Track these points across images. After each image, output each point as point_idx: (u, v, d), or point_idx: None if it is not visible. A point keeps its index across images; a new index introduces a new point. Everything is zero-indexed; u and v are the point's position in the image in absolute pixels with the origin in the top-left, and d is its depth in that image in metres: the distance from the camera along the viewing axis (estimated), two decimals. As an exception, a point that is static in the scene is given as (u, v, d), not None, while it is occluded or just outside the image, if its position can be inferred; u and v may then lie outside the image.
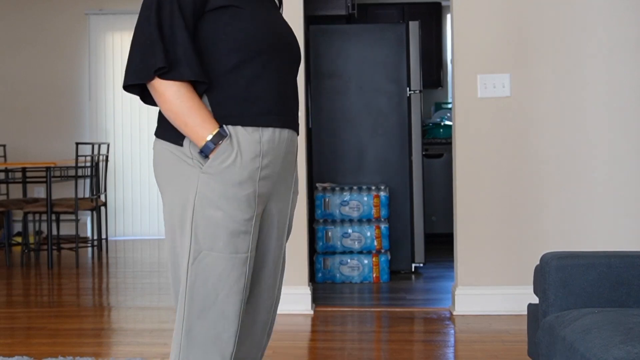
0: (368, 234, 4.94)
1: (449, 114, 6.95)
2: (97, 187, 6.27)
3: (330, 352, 3.32)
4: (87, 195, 6.72)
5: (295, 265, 3.84)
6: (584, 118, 3.91)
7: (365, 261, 4.91)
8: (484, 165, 3.94)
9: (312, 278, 4.71)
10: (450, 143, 5.63)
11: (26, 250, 6.07)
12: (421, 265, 5.27)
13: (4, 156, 6.93)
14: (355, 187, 5.02)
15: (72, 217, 6.61)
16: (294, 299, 3.93)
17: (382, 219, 5.00)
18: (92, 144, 6.22)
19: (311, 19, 5.36)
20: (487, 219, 3.93)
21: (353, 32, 5.34)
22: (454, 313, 3.91)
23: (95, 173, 6.23)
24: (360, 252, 4.95)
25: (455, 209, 3.98)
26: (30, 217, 6.34)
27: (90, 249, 6.52)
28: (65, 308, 4.34)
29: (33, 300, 4.75)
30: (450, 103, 6.96)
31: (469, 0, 3.94)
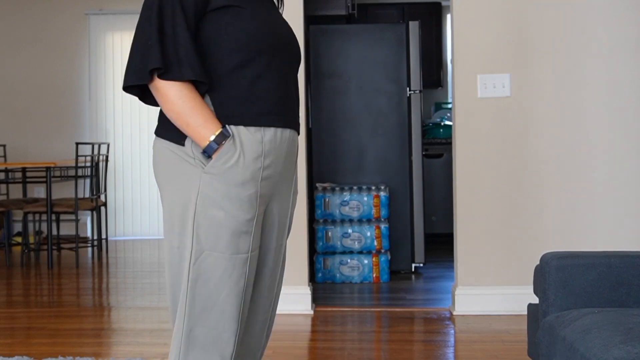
0: (368, 234, 4.94)
1: (449, 114, 6.95)
2: (97, 187, 6.27)
3: (330, 352, 3.32)
4: (87, 195, 6.72)
5: (295, 265, 3.84)
6: (584, 118, 3.91)
7: (365, 261, 4.91)
8: (484, 165, 3.94)
9: (312, 278, 4.71)
10: (450, 143, 5.63)
11: (26, 250, 6.07)
12: (421, 265, 5.27)
13: (4, 156, 6.93)
14: (355, 187, 5.02)
15: (72, 217, 6.61)
16: (294, 299, 3.93)
17: (382, 219, 5.00)
18: (92, 144, 6.22)
19: (311, 19, 5.35)
20: (487, 219, 3.93)
21: (353, 32, 5.34)
22: (454, 313, 3.91)
23: (95, 173, 6.23)
24: (360, 252, 4.95)
25: (455, 209, 3.98)
26: (30, 217, 6.34)
27: (90, 249, 6.52)
28: (65, 308, 4.34)
29: (33, 300, 4.75)
30: (450, 103, 6.96)
31: (469, 0, 3.94)
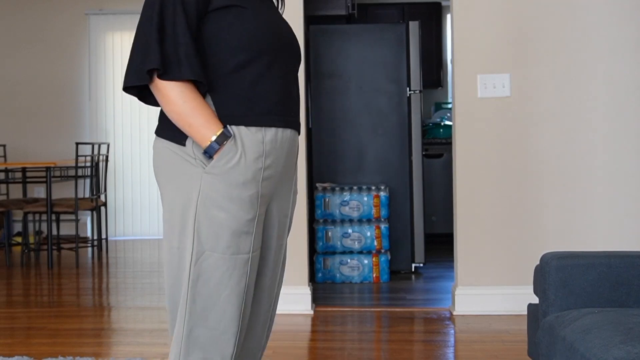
0: (368, 234, 4.94)
1: (449, 114, 6.95)
2: (97, 187, 6.27)
3: (330, 352, 3.32)
4: (87, 195, 6.72)
5: (295, 265, 3.83)
6: (584, 118, 3.91)
7: (365, 261, 4.91)
8: (484, 165, 3.94)
9: (312, 278, 4.71)
10: (450, 143, 5.63)
11: (26, 250, 6.07)
12: (421, 265, 5.27)
13: (4, 156, 6.93)
14: (355, 187, 5.02)
15: (72, 217, 6.61)
16: (294, 299, 3.93)
17: (382, 219, 5.00)
18: (92, 144, 6.22)
19: (311, 19, 5.35)
20: (487, 219, 3.93)
21: (353, 32, 5.34)
22: (454, 313, 3.91)
23: (95, 173, 6.23)
24: (360, 252, 4.95)
25: (455, 209, 3.98)
26: (30, 217, 6.34)
27: (90, 249, 6.52)
28: (65, 308, 4.34)
29: (33, 300, 4.75)
30: (450, 103, 6.96)
31: (469, 0, 3.94)
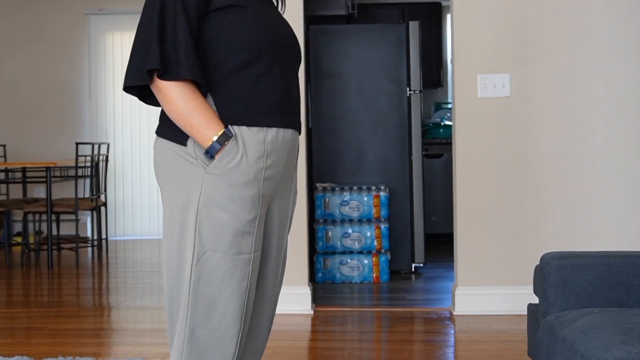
0: (368, 234, 4.94)
1: (449, 114, 6.95)
2: (97, 187, 6.27)
3: (330, 352, 3.32)
4: (87, 195, 6.72)
5: (295, 265, 3.83)
6: (584, 118, 3.91)
7: (365, 261, 4.91)
8: (484, 165, 3.94)
9: (312, 278, 4.71)
10: (450, 143, 5.63)
11: (26, 250, 6.07)
12: (421, 265, 5.27)
13: (4, 156, 6.93)
14: (355, 187, 5.02)
15: (72, 217, 6.61)
16: (294, 299, 3.93)
17: (382, 219, 5.00)
18: (92, 144, 6.22)
19: (311, 19, 5.35)
20: (487, 219, 3.93)
21: (353, 32, 5.34)
22: (454, 313, 3.91)
23: (95, 173, 6.23)
24: (360, 252, 4.95)
25: (455, 209, 3.98)
26: (30, 217, 6.34)
27: (90, 249, 6.52)
28: (65, 308, 4.34)
29: (33, 300, 4.75)
30: (450, 103, 6.96)
31: (469, 0, 3.94)
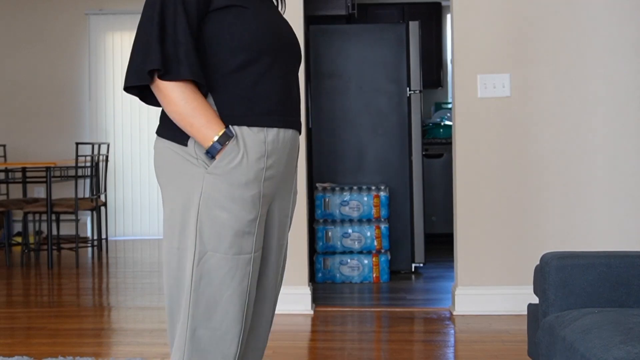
0: (368, 234, 4.94)
1: (449, 114, 6.95)
2: (97, 187, 6.27)
3: (330, 352, 3.32)
4: (87, 195, 6.72)
5: (295, 265, 3.84)
6: (584, 118, 3.91)
7: (365, 261, 4.91)
8: (484, 165, 3.94)
9: (312, 278, 4.71)
10: (450, 143, 5.63)
11: (26, 250, 6.07)
12: (421, 265, 5.27)
13: (4, 156, 6.93)
14: (355, 187, 5.02)
15: (72, 217, 6.61)
16: (294, 299, 3.93)
17: (382, 219, 5.00)
18: (92, 144, 6.22)
19: (311, 19, 5.35)
20: (487, 219, 3.93)
21: (353, 32, 5.34)
22: (454, 313, 3.91)
23: (95, 173, 6.23)
24: (360, 252, 4.95)
25: (455, 209, 3.98)
26: (30, 217, 6.34)
27: (90, 249, 6.52)
28: (65, 308, 4.34)
29: (33, 300, 4.75)
30: (450, 103, 6.96)
31: (469, 0, 3.94)
